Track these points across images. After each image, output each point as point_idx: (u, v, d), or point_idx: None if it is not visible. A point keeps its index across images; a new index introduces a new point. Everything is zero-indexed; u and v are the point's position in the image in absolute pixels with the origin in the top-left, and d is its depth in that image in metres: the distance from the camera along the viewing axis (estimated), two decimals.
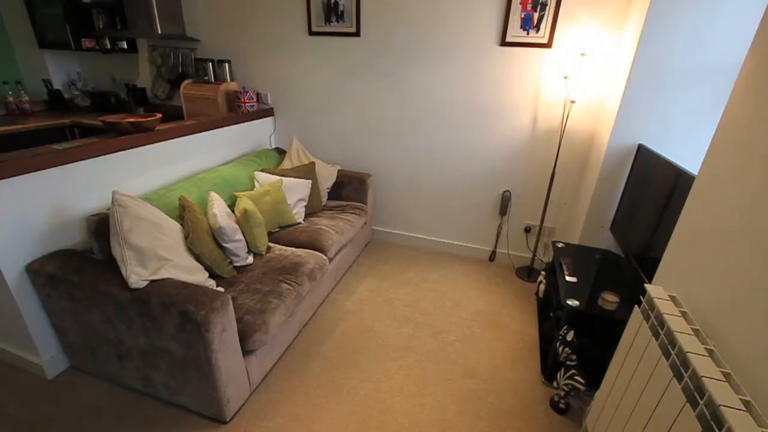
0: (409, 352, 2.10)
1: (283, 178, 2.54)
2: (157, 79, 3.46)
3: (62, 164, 1.74)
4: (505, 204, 2.85)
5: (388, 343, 2.16)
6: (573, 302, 1.72)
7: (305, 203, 2.65)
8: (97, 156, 1.88)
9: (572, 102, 2.39)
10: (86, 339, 1.72)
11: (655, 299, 1.18)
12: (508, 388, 1.90)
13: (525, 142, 2.67)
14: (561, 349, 1.73)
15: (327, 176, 2.92)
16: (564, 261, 2.09)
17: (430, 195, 3.06)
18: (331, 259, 2.38)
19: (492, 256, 3.07)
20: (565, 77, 2.39)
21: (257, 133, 3.12)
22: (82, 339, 1.73)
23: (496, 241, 3.02)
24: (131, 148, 2.05)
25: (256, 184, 2.53)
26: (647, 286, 1.27)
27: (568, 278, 1.93)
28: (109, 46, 3.31)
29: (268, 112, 3.19)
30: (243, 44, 3.07)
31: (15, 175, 1.57)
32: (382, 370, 1.97)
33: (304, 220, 2.61)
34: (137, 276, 1.49)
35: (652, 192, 1.80)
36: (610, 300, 1.71)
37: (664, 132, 2.04)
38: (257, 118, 3.08)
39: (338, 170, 3.03)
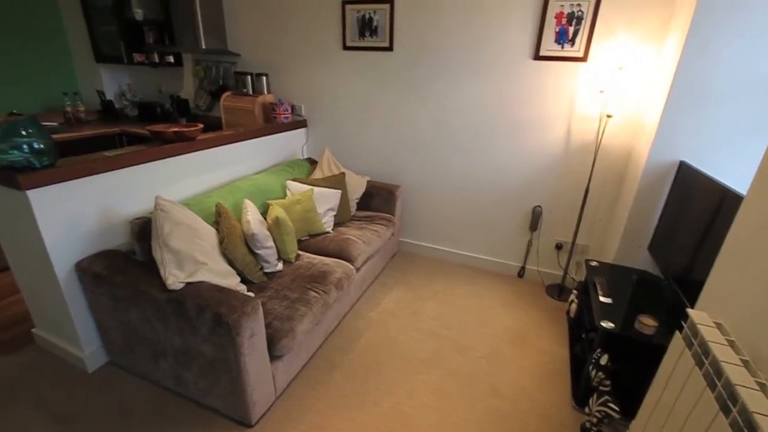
0: (434, 367, 2.07)
1: (314, 187, 2.59)
2: (200, 91, 3.65)
3: (112, 170, 1.86)
4: (535, 219, 2.79)
5: (413, 356, 2.14)
6: (607, 324, 1.65)
7: (334, 213, 2.70)
8: (143, 163, 2.00)
9: (608, 116, 2.33)
10: (125, 336, 1.80)
11: (698, 325, 1.11)
12: (534, 410, 1.83)
13: (558, 156, 2.62)
14: (594, 373, 1.66)
15: (356, 187, 2.96)
16: (598, 280, 2.01)
17: (459, 208, 3.04)
18: (358, 269, 2.40)
19: (521, 272, 3.00)
20: (601, 91, 2.33)
21: (290, 143, 3.22)
22: (122, 336, 1.82)
23: (526, 256, 2.95)
24: (174, 156, 2.16)
25: (287, 192, 2.60)
26: (690, 311, 1.20)
27: (602, 299, 1.85)
28: (157, 60, 3.52)
29: (301, 123, 3.28)
30: (280, 58, 3.20)
31: (72, 179, 1.69)
32: (407, 384, 1.95)
33: (332, 229, 2.65)
34: (174, 278, 1.56)
35: (695, 211, 1.72)
36: (647, 324, 1.63)
37: (708, 149, 1.95)
38: (291, 129, 3.18)
39: (367, 181, 3.07)
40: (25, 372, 1.93)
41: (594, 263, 2.22)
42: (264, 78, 3.22)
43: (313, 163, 3.11)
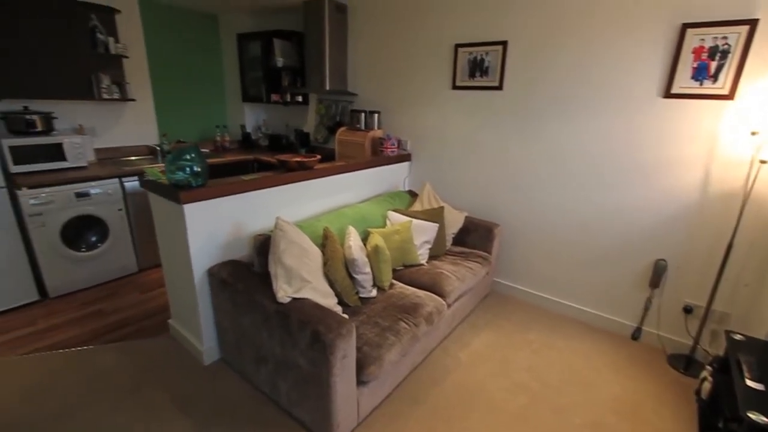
0: (524, 425, 1.89)
1: (413, 219, 2.67)
2: (319, 125, 4.09)
3: (245, 191, 2.18)
4: (658, 274, 2.44)
5: (502, 408, 1.99)
6: (759, 418, 1.34)
7: (430, 246, 2.72)
8: (270, 187, 2.30)
9: (762, 162, 1.97)
10: (236, 338, 2.04)
11: None
12: None
13: (690, 204, 2.28)
14: None
15: (454, 221, 2.96)
16: (744, 359, 1.66)
17: (564, 253, 2.82)
18: (449, 305, 2.37)
19: (636, 334, 2.61)
20: (754, 133, 2.00)
21: (394, 175, 3.39)
22: (234, 338, 2.06)
23: (643, 316, 2.57)
24: (294, 182, 2.45)
25: (387, 222, 2.72)
26: None
27: (749, 383, 1.51)
28: (288, 100, 4.08)
29: (405, 157, 3.44)
30: (392, 97, 3.44)
31: (216, 197, 2.03)
32: None
33: (427, 261, 2.67)
34: (284, 292, 1.73)
35: None
36: None
37: None
38: (395, 162, 3.35)
39: (465, 216, 3.04)
40: (158, 356, 2.29)
41: (738, 337, 1.83)
42: (376, 115, 3.48)
43: (413, 195, 3.21)
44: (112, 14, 3.22)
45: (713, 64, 2.08)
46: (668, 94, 2.22)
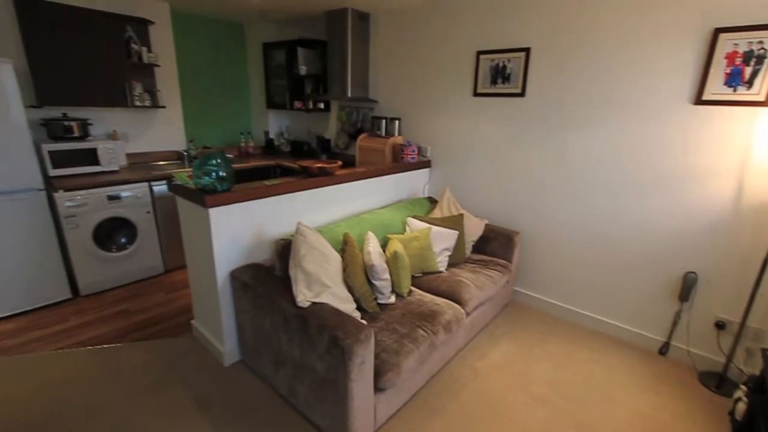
0: None
1: (432, 226, 2.66)
2: (340, 132, 4.15)
3: (268, 196, 2.22)
4: (687, 287, 2.34)
5: (521, 422, 1.95)
6: None
7: (449, 253, 2.71)
8: (292, 192, 2.35)
9: None
10: (256, 341, 2.07)
11: None
12: None
13: (722, 216, 2.19)
14: None
15: (474, 229, 2.93)
16: None
17: (587, 263, 2.74)
18: (468, 313, 2.34)
19: (663, 349, 2.51)
20: None
21: (414, 182, 3.39)
22: (254, 340, 2.10)
23: (671, 331, 2.47)
24: (315, 188, 2.48)
25: (407, 228, 2.72)
26: None
27: None
28: (311, 107, 4.15)
29: (425, 164, 3.44)
30: (412, 103, 3.46)
31: (239, 202, 2.08)
32: None
33: (446, 269, 2.65)
34: (303, 296, 1.75)
35: None
36: None
37: None
38: (415, 169, 3.35)
39: (486, 224, 3.01)
40: (181, 355, 2.35)
41: None
42: (397, 122, 3.50)
43: (433, 202, 3.20)
44: (146, 25, 3.37)
45: (748, 70, 2.00)
46: (699, 101, 2.15)
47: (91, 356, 2.31)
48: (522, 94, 2.79)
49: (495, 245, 2.93)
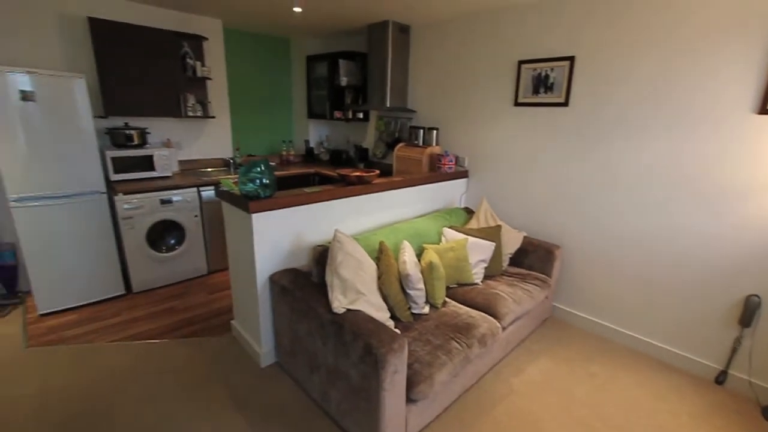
0: None
1: (469, 237, 2.62)
2: (378, 141, 4.20)
3: (307, 203, 2.29)
4: (750, 312, 2.15)
5: None
6: None
7: (485, 265, 2.65)
8: (330, 199, 2.40)
9: None
10: (292, 344, 2.13)
11: None
12: None
13: None
14: None
15: (511, 241, 2.86)
16: None
17: (633, 280, 2.59)
18: (504, 328, 2.28)
19: (720, 378, 2.31)
20: None
21: (450, 192, 3.36)
22: (290, 343, 2.15)
23: (730, 359, 2.28)
24: (353, 196, 2.53)
25: (443, 239, 2.70)
26: None
27: None
28: (350, 117, 4.25)
29: (462, 174, 3.41)
30: (451, 113, 3.45)
31: (281, 208, 2.16)
32: None
33: (482, 281, 2.60)
34: (339, 303, 1.78)
35: None
36: None
37: None
38: (452, 179, 3.33)
39: (524, 237, 2.93)
40: (221, 354, 2.45)
41: None
42: (434, 132, 3.51)
43: (469, 212, 3.16)
44: (201, 41, 3.60)
45: None
46: (764, 110, 2.00)
47: (140, 350, 2.46)
48: (565, 104, 2.71)
49: (533, 258, 2.84)
